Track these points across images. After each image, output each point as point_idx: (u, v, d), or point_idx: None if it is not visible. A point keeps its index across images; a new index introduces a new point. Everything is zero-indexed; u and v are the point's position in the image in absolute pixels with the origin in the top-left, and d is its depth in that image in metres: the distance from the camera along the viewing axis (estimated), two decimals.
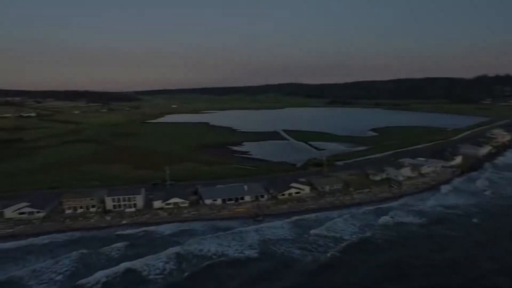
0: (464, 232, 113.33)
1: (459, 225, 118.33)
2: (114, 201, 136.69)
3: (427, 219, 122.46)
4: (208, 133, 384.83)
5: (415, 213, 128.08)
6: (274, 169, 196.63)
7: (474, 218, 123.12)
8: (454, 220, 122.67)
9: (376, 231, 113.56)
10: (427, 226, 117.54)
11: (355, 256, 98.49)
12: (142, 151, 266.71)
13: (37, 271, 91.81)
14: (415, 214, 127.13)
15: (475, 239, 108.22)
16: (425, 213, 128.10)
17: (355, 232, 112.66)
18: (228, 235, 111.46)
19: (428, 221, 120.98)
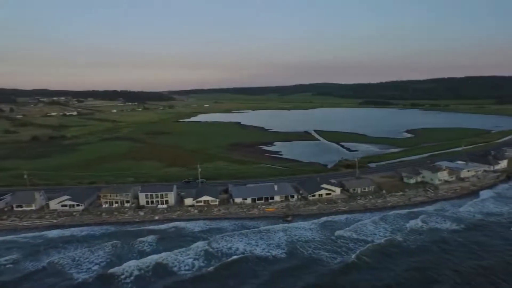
0: (503, 241, 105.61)
1: (498, 234, 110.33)
2: (147, 197, 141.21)
3: (464, 225, 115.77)
4: (240, 132, 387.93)
5: (450, 218, 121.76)
6: (304, 169, 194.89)
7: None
8: (493, 229, 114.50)
9: (407, 235, 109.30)
10: (462, 232, 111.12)
11: (382, 259, 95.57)
12: (174, 149, 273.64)
13: (76, 260, 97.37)
14: (451, 219, 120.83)
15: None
16: (462, 219, 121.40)
17: (385, 236, 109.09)
18: (256, 234, 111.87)
19: (464, 227, 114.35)
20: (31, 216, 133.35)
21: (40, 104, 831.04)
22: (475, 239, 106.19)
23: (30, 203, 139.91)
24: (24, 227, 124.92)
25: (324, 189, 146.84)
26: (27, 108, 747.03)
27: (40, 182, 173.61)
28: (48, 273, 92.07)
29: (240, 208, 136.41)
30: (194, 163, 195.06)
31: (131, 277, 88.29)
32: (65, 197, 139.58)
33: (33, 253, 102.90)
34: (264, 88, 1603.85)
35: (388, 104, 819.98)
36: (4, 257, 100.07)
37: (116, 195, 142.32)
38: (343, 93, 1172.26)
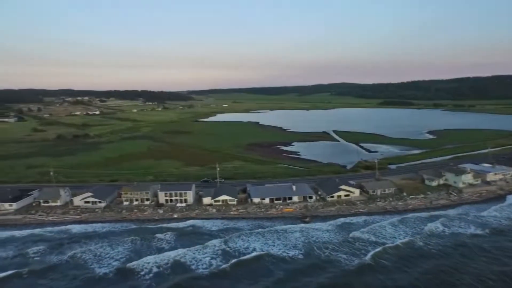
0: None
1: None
2: (166, 196, 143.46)
3: (488, 231, 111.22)
4: (258, 132, 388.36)
5: (474, 223, 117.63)
6: (323, 170, 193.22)
7: None
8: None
9: (427, 239, 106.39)
10: (486, 238, 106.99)
11: (399, 262, 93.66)
12: (193, 149, 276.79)
13: (97, 255, 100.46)
14: (475, 224, 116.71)
15: None
16: (487, 224, 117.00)
17: (404, 239, 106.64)
18: (273, 234, 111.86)
19: (488, 233, 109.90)
20: (56, 211, 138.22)
21: (65, 103, 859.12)
22: (500, 245, 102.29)
23: (55, 199, 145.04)
24: (50, 222, 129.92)
25: (343, 191, 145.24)
26: (53, 107, 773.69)
27: (65, 179, 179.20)
28: (70, 266, 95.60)
29: (258, 208, 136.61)
30: (212, 162, 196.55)
31: (149, 273, 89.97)
32: (88, 194, 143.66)
33: (57, 246, 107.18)
34: (283, 88, 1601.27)
35: (409, 104, 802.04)
36: (32, 248, 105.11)
37: (136, 193, 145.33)
38: (362, 93, 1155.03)
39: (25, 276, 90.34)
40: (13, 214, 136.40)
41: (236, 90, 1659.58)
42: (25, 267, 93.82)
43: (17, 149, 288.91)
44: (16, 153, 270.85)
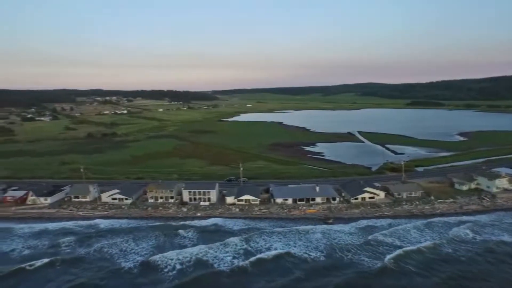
0: None
1: None
2: (190, 194, 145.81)
3: None
4: (282, 132, 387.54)
5: (508, 231, 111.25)
6: (347, 171, 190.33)
7: None
8: None
9: (454, 244, 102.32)
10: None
11: (423, 267, 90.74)
12: (217, 148, 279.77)
13: (122, 250, 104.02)
14: (509, 232, 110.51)
15: None
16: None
17: (429, 243, 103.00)
18: (295, 235, 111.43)
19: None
20: (86, 206, 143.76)
21: (95, 103, 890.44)
22: None
23: (85, 195, 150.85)
24: (80, 216, 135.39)
25: (368, 193, 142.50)
26: (84, 107, 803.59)
27: (94, 176, 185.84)
28: (97, 258, 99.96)
29: (281, 209, 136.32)
30: (236, 162, 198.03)
31: (172, 269, 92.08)
32: (115, 191, 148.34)
33: (86, 240, 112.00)
34: (307, 88, 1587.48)
35: (438, 105, 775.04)
36: (64, 240, 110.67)
37: (161, 191, 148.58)
38: (389, 94, 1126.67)
39: (58, 265, 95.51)
40: (48, 208, 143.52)
41: (260, 90, 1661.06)
42: (57, 257, 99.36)
43: (52, 146, 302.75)
44: (51, 150, 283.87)
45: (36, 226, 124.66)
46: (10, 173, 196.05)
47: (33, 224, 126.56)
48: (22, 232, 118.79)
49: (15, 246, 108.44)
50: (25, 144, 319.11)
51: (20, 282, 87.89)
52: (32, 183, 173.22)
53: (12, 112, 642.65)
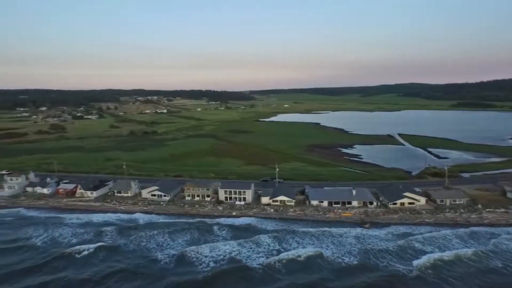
0: None
1: None
2: (226, 193, 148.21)
3: None
4: (319, 133, 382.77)
5: None
6: (386, 175, 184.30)
7: None
8: None
9: (503, 257, 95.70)
10: None
11: (463, 278, 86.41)
12: (254, 148, 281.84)
13: (159, 244, 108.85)
14: None
15: None
16: None
17: (472, 254, 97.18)
18: (328, 238, 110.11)
19: None
20: (127, 202, 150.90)
21: (137, 102, 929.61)
22: None
23: (127, 190, 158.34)
24: (122, 210, 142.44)
25: (407, 198, 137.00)
26: (127, 106, 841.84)
27: (135, 173, 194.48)
28: (135, 249, 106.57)
29: (316, 211, 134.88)
30: (272, 162, 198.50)
31: (205, 265, 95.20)
32: (155, 188, 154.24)
33: (126, 232, 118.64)
34: (346, 88, 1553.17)
35: (489, 106, 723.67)
36: (106, 233, 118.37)
37: (198, 189, 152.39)
38: (433, 94, 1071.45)
39: (100, 253, 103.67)
40: (93, 201, 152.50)
41: (297, 90, 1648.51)
42: (100, 245, 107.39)
43: (98, 143, 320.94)
44: (97, 146, 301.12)
45: (82, 217, 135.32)
46: (62, 167, 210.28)
47: (80, 215, 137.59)
48: (71, 222, 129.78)
49: (64, 233, 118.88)
50: (75, 141, 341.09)
51: (68, 264, 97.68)
52: (80, 177, 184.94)
53: (65, 111, 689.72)
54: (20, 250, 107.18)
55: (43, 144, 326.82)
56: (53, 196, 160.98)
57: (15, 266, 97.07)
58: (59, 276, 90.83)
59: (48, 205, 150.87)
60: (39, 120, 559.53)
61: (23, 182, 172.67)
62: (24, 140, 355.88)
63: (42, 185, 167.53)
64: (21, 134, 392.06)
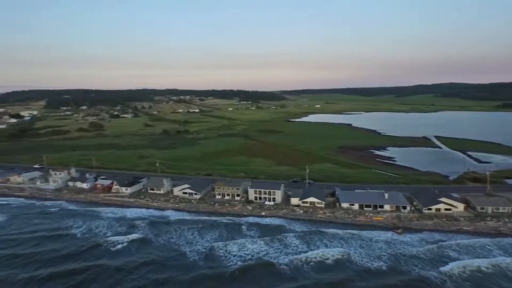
0: None
1: None
2: (256, 193, 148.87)
3: None
4: (350, 134, 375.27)
5: None
6: (420, 179, 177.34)
7: None
8: None
9: None
10: None
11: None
12: (284, 148, 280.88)
13: (188, 241, 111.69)
14: None
15: None
16: None
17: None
18: (357, 242, 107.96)
19: None
20: (159, 198, 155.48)
21: (170, 102, 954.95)
22: None
23: (159, 187, 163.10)
24: (154, 207, 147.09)
25: (443, 203, 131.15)
26: (161, 105, 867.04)
27: (167, 170, 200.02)
28: (165, 243, 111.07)
29: (346, 214, 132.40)
30: (302, 163, 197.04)
31: (232, 263, 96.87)
32: (186, 186, 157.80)
33: (157, 227, 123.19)
34: (379, 89, 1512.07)
35: None
36: (139, 227, 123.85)
37: (228, 188, 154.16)
38: (475, 95, 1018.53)
39: (132, 245, 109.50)
40: (128, 197, 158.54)
41: (329, 90, 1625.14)
42: (133, 238, 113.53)
43: (133, 141, 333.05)
44: (132, 144, 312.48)
45: (117, 211, 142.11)
46: (100, 163, 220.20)
47: (115, 210, 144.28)
48: (106, 216, 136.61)
49: (100, 226, 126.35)
50: (112, 138, 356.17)
51: (103, 253, 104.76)
52: (116, 173, 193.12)
53: (103, 110, 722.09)
54: (62, 239, 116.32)
55: (83, 141, 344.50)
56: (91, 191, 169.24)
57: (58, 252, 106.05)
58: (95, 263, 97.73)
59: (86, 199, 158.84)
60: (79, 118, 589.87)
61: (65, 177, 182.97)
62: (67, 137, 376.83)
63: (82, 180, 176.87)
64: (65, 131, 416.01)
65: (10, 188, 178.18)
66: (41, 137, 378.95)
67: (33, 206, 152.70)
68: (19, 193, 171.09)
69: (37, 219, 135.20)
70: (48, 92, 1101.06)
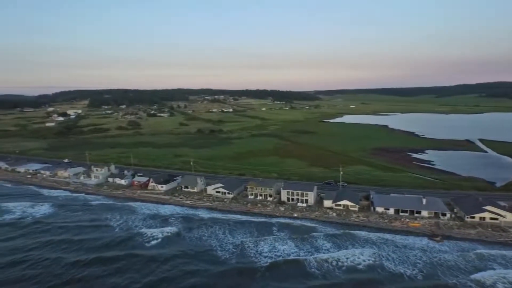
0: None
1: None
2: (288, 194, 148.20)
3: None
4: (386, 136, 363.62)
5: None
6: (462, 185, 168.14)
7: None
8: None
9: None
10: None
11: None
12: (317, 149, 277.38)
13: (220, 240, 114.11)
14: None
15: None
16: None
17: None
18: (391, 247, 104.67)
19: None
20: (193, 197, 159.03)
21: (204, 101, 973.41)
22: None
23: (193, 186, 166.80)
24: (188, 205, 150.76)
25: (489, 212, 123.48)
26: (196, 104, 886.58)
27: (201, 169, 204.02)
28: (197, 240, 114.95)
29: (381, 218, 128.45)
30: (336, 164, 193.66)
31: (263, 262, 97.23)
32: (219, 185, 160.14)
33: (190, 224, 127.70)
34: (417, 88, 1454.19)
35: None
36: (172, 222, 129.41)
37: (261, 189, 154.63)
38: None
39: (165, 239, 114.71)
40: (163, 194, 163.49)
41: (364, 90, 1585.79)
42: (166, 234, 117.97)
43: (168, 140, 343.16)
44: (167, 143, 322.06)
45: (152, 207, 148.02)
46: (137, 161, 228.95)
47: (150, 206, 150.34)
48: (142, 212, 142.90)
49: (136, 220, 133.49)
50: (148, 137, 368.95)
51: (138, 245, 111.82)
52: (152, 171, 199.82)
53: (140, 109, 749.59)
54: (101, 229, 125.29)
55: (121, 139, 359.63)
56: (129, 187, 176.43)
57: (98, 240, 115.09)
58: (130, 253, 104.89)
59: (124, 195, 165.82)
60: (119, 117, 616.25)
61: (106, 173, 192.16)
62: (107, 135, 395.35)
63: (121, 177, 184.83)
64: (105, 129, 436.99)
65: (57, 182, 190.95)
66: (84, 135, 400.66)
67: (77, 199, 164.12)
68: (65, 187, 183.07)
69: (80, 211, 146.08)
70: (91, 92, 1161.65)
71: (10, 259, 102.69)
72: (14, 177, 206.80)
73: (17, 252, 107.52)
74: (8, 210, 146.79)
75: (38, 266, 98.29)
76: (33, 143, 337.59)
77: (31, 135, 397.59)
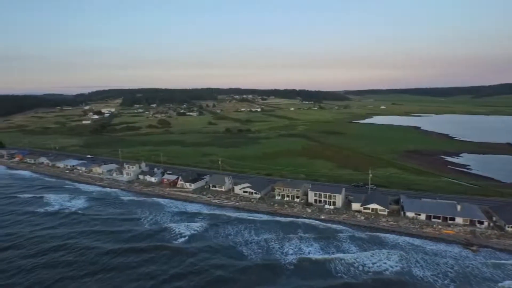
0: None
1: None
2: (316, 196, 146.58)
3: None
4: (419, 138, 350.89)
5: None
6: (502, 191, 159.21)
7: None
8: None
9: None
10: None
11: None
12: (346, 151, 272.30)
13: (245, 239, 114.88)
14: None
15: None
16: None
17: None
18: (420, 255, 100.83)
19: None
20: (221, 196, 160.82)
21: (233, 101, 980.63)
22: None
23: (221, 185, 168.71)
24: (215, 204, 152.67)
25: None
26: (224, 104, 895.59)
27: (229, 168, 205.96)
28: (222, 240, 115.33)
29: (412, 224, 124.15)
30: (365, 167, 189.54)
31: (290, 265, 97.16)
32: (247, 185, 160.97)
33: (216, 223, 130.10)
34: (453, 89, 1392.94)
35: None
36: (199, 220, 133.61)
37: (288, 189, 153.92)
38: None
39: (192, 236, 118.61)
40: (192, 193, 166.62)
41: (396, 90, 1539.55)
42: (192, 232, 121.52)
43: (197, 138, 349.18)
44: (196, 141, 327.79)
45: (180, 205, 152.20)
46: (166, 159, 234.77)
47: (179, 203, 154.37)
48: (170, 209, 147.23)
49: (165, 216, 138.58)
50: (178, 135, 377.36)
51: (165, 238, 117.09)
52: (181, 169, 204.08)
53: (170, 108, 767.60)
54: (130, 223, 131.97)
55: (152, 137, 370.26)
56: (159, 185, 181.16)
57: (129, 233, 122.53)
58: (157, 244, 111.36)
59: (154, 192, 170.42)
60: (150, 115, 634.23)
61: (137, 170, 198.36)
62: (138, 133, 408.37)
63: (151, 174, 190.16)
64: (137, 127, 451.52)
65: (92, 178, 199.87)
66: (117, 132, 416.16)
67: (109, 194, 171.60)
68: (99, 183, 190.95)
69: (112, 206, 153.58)
70: (124, 91, 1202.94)
71: (50, 246, 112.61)
72: (54, 172, 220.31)
73: (57, 239, 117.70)
74: (49, 203, 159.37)
75: (75, 254, 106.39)
76: (70, 140, 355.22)
77: (69, 132, 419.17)
